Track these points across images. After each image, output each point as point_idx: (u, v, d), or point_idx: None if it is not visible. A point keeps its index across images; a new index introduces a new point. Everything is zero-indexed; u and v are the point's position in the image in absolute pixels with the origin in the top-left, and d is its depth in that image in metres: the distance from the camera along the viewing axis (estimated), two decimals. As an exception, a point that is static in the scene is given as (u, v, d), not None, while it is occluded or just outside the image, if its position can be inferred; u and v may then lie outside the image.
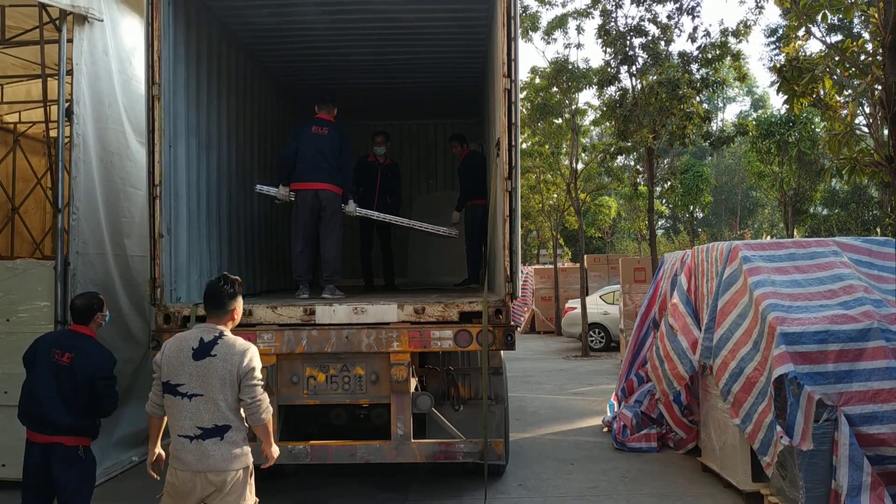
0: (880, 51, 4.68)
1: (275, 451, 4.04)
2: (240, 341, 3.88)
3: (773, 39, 29.26)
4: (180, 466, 3.77)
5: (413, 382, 5.75)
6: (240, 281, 4.09)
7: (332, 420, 6.60)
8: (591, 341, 17.20)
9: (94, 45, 7.02)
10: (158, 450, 4.10)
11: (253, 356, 3.84)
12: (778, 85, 5.19)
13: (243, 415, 3.83)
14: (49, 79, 9.74)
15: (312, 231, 6.95)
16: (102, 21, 7.05)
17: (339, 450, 5.56)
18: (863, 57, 4.81)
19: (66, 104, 6.79)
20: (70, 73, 6.78)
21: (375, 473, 6.69)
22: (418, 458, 5.57)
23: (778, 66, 5.07)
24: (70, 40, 6.74)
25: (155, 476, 4.07)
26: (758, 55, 54.31)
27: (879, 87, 4.60)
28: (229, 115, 7.40)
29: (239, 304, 4.05)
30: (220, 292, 3.96)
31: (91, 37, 6.95)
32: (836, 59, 4.94)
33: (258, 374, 3.83)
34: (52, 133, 12.30)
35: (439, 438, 5.76)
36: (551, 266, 22.44)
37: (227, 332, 3.91)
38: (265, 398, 3.85)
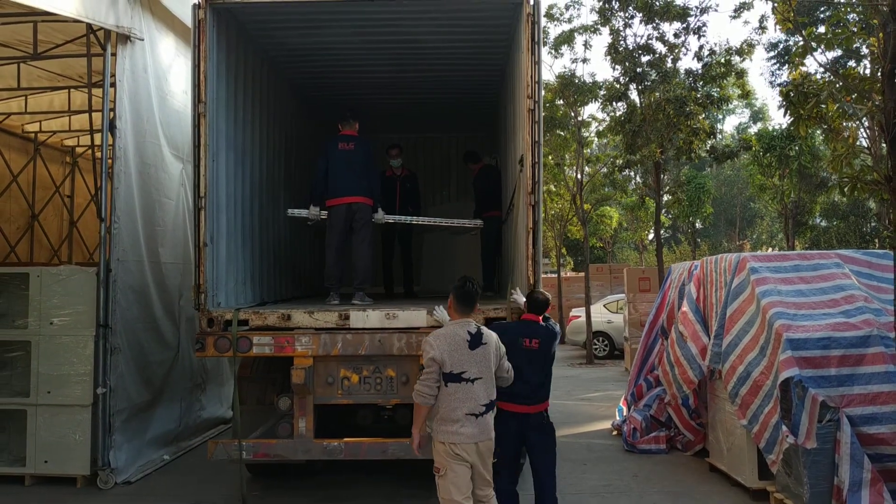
0: (880, 77, 5.07)
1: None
2: (487, 329, 4.75)
3: (773, 55, 29.60)
4: (463, 440, 4.48)
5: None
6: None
7: (359, 420, 6.92)
8: (595, 349, 17.51)
9: (135, 63, 7.39)
10: (422, 431, 4.73)
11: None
12: (785, 108, 5.58)
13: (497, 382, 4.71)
14: (77, 91, 10.05)
15: (345, 241, 7.28)
16: (143, 40, 7.42)
17: (372, 447, 5.90)
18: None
19: (110, 117, 7.14)
20: (113, 86, 7.12)
21: (400, 474, 7.02)
22: None
23: (785, 90, 5.45)
24: (114, 54, 7.09)
25: (418, 454, 4.77)
26: (759, 70, 55.19)
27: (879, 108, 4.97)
28: (261, 130, 7.74)
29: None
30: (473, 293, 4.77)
31: (132, 55, 7.32)
32: (839, 84, 5.32)
33: None
34: (71, 142, 12.67)
35: None
36: (554, 275, 22.74)
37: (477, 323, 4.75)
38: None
